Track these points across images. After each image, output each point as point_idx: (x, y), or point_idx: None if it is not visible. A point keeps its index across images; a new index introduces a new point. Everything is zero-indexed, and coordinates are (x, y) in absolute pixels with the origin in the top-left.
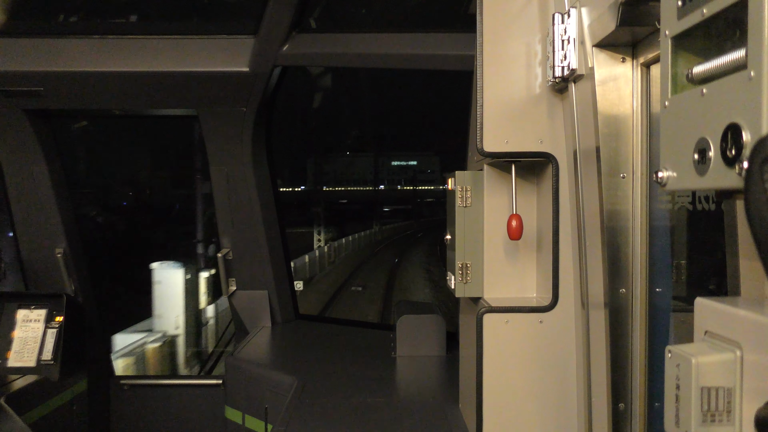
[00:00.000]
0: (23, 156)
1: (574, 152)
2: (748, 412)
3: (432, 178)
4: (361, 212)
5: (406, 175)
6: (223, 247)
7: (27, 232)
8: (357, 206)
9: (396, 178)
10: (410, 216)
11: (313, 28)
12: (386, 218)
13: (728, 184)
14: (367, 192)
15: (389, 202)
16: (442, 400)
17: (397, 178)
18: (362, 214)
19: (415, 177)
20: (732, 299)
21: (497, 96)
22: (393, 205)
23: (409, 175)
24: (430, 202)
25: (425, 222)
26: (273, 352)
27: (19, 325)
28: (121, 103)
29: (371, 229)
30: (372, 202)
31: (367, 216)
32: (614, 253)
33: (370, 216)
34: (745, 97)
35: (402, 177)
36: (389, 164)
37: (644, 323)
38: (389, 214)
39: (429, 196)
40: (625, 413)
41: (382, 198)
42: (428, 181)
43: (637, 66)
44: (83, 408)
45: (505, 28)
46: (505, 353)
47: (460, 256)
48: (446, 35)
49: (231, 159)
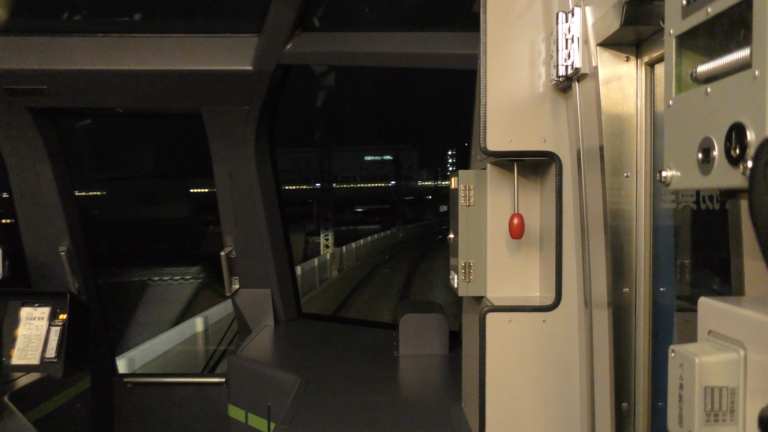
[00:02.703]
0: (27, 154)
1: (577, 151)
2: (751, 412)
3: (410, 174)
4: (306, 216)
5: (381, 171)
6: (226, 246)
7: (31, 230)
8: (305, 208)
9: (370, 175)
10: (389, 218)
11: (317, 26)
12: (352, 223)
13: (732, 184)
14: (316, 191)
15: (362, 202)
16: (445, 399)
17: (371, 174)
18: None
19: (385, 173)
20: (736, 299)
21: (501, 95)
22: (367, 205)
23: (383, 170)
24: (411, 201)
25: (417, 230)
26: (276, 350)
27: (22, 322)
28: (124, 101)
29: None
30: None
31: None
32: (618, 253)
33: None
34: (750, 96)
35: (377, 173)
36: (361, 159)
37: (648, 323)
38: (360, 218)
39: (411, 193)
40: (628, 413)
41: (347, 197)
42: (407, 177)
43: (641, 65)
44: (86, 406)
45: (509, 27)
46: (508, 352)
47: (463, 255)
48: (450, 34)
49: (234, 157)
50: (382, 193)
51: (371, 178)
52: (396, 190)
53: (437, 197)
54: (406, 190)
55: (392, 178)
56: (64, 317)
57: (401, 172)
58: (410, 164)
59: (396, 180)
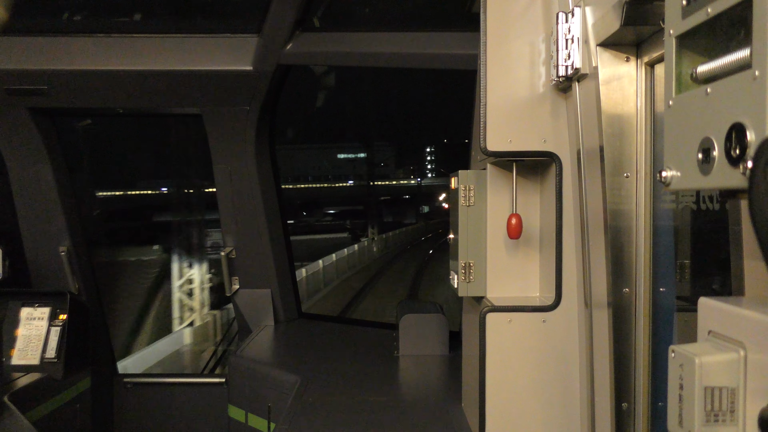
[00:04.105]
0: (27, 154)
1: (577, 151)
2: (751, 412)
3: (386, 172)
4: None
5: (355, 170)
6: (227, 246)
7: (31, 230)
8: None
9: (342, 174)
10: (362, 222)
11: (317, 27)
12: (313, 231)
13: (732, 184)
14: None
15: (333, 203)
16: (444, 400)
17: (344, 173)
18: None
19: (360, 172)
20: (736, 299)
21: (501, 95)
22: (339, 206)
23: (357, 169)
24: (387, 201)
25: (398, 240)
26: (276, 350)
27: (23, 323)
28: (124, 101)
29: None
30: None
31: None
32: (618, 253)
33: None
34: (750, 96)
35: (350, 172)
36: (334, 157)
37: (648, 323)
38: (328, 225)
39: (386, 192)
40: (628, 413)
41: (315, 197)
42: (383, 176)
43: (641, 65)
44: (86, 406)
45: (509, 28)
46: (508, 352)
47: (463, 255)
48: (450, 34)
49: (234, 157)
50: (354, 193)
51: (344, 177)
52: (369, 189)
53: (419, 197)
54: (382, 190)
55: (368, 176)
56: (64, 317)
57: (376, 171)
58: (386, 162)
59: (370, 179)
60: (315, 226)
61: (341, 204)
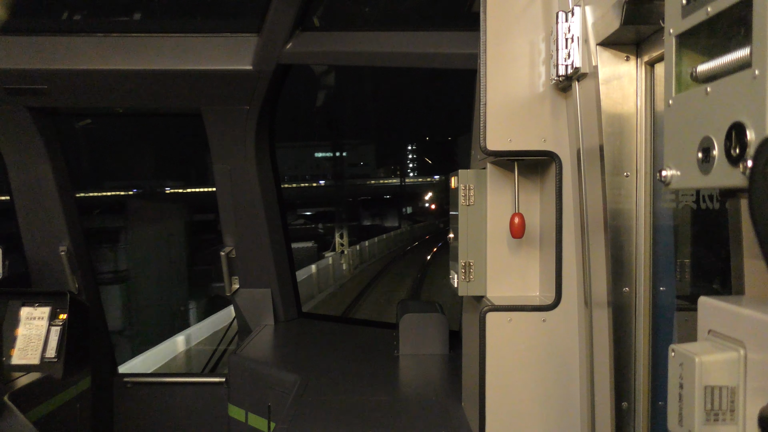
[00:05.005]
0: (27, 154)
1: (577, 151)
2: (751, 411)
3: (366, 171)
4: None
5: (336, 169)
6: (226, 245)
7: (31, 230)
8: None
9: (320, 174)
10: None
11: (317, 26)
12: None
13: (732, 183)
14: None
15: (308, 204)
16: (444, 399)
17: (322, 173)
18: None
19: (340, 170)
20: (736, 298)
21: (501, 95)
22: (315, 207)
23: (335, 168)
24: (366, 201)
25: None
26: (276, 350)
27: (23, 322)
28: (124, 100)
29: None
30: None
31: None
32: (618, 252)
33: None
34: (750, 95)
35: (327, 171)
36: (311, 156)
37: (648, 322)
38: (298, 230)
39: (366, 192)
40: (628, 412)
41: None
42: (364, 176)
43: (641, 64)
44: (87, 406)
45: (509, 27)
46: (508, 352)
47: (463, 255)
48: (450, 33)
49: (234, 157)
50: (330, 194)
51: (322, 176)
52: (338, 187)
53: (401, 198)
54: (363, 190)
55: (345, 175)
56: (64, 317)
57: (354, 170)
58: (367, 162)
59: (336, 177)
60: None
61: (317, 205)
